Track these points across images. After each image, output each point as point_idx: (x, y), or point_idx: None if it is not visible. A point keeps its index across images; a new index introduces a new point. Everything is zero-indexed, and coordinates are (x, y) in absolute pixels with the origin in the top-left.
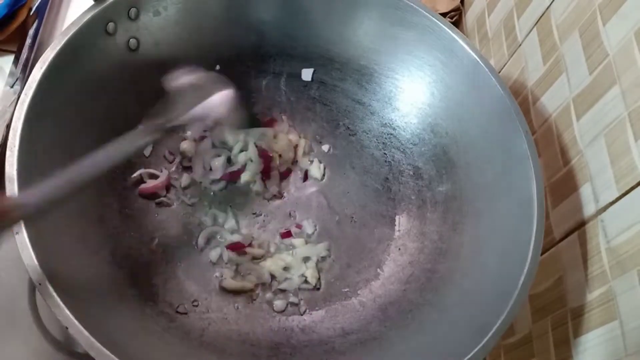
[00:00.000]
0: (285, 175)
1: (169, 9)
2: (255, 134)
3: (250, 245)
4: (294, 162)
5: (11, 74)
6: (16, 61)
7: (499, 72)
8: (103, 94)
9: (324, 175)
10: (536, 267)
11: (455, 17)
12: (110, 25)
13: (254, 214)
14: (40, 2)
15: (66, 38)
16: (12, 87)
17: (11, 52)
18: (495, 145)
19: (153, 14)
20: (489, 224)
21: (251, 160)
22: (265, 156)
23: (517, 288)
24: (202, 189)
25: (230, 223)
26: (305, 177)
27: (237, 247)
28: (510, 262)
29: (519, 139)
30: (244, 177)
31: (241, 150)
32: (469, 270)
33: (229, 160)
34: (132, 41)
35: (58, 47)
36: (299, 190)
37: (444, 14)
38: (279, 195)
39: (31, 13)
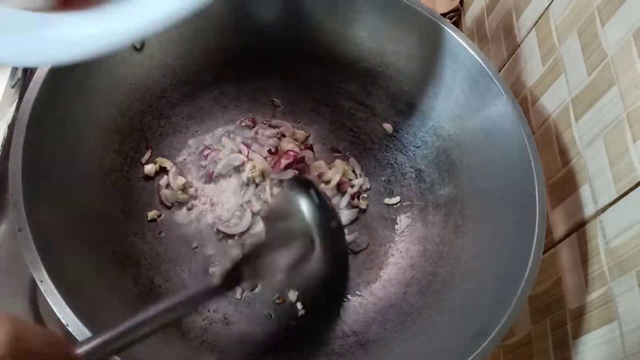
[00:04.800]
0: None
1: None
2: None
3: None
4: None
5: (12, 74)
6: None
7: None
8: (107, 93)
9: None
10: (536, 271)
11: (455, 18)
12: None
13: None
14: None
15: None
16: (13, 87)
17: None
18: (497, 148)
19: None
20: (490, 228)
21: None
22: None
23: (517, 292)
24: None
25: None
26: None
27: None
28: (510, 266)
29: (521, 143)
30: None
31: None
32: (469, 274)
33: None
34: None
35: None
36: None
37: (443, 15)
38: None
39: None
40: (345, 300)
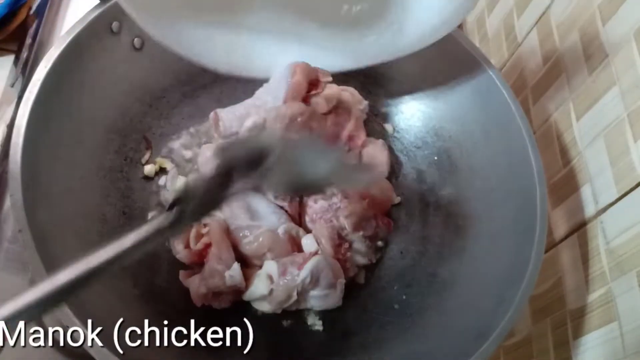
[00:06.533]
0: None
1: None
2: None
3: None
4: None
5: (11, 73)
6: (16, 61)
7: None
8: (107, 93)
9: None
10: (538, 272)
11: None
12: (115, 24)
13: None
14: (40, 2)
15: (71, 37)
16: (12, 86)
17: (11, 51)
18: (498, 148)
19: None
20: (491, 228)
21: None
22: None
23: (518, 293)
24: None
25: None
26: None
27: None
28: (511, 267)
29: (522, 143)
30: None
31: None
32: (470, 275)
33: None
34: (137, 40)
35: (63, 46)
36: None
37: None
38: None
39: (31, 13)
40: (345, 300)
